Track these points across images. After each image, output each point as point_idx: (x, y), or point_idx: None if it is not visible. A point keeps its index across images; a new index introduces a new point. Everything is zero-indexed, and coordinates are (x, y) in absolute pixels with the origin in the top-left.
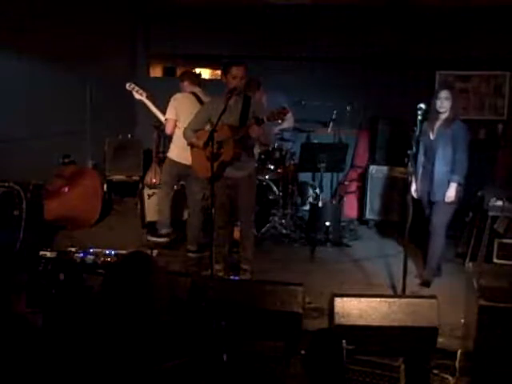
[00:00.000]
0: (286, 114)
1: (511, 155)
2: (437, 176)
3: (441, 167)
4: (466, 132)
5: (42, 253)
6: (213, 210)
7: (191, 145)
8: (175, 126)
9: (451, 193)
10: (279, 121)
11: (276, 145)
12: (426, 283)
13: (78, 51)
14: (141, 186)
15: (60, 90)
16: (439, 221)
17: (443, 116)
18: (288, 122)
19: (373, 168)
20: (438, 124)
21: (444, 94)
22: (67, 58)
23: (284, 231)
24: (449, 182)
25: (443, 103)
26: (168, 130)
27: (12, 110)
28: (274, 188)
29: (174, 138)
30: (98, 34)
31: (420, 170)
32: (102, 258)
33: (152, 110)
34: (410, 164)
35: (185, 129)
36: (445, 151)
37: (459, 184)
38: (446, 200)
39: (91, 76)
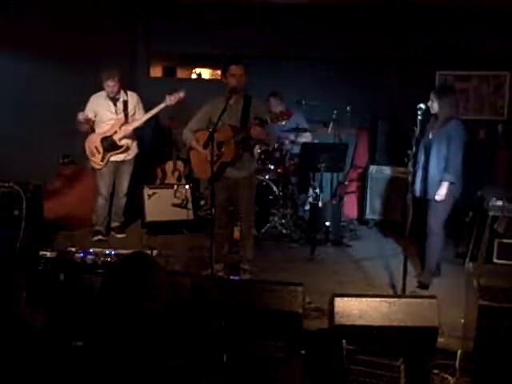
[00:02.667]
0: (290, 115)
1: (511, 155)
2: (431, 175)
3: (434, 166)
4: (462, 131)
5: (41, 253)
6: (213, 210)
7: (190, 147)
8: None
9: (442, 191)
10: (283, 122)
11: (276, 145)
12: (423, 286)
13: (78, 51)
14: (141, 185)
15: (60, 90)
16: (433, 220)
17: (439, 116)
18: (306, 137)
19: (373, 168)
20: (436, 124)
21: (431, 95)
22: (67, 58)
23: (284, 231)
24: (441, 181)
25: (431, 105)
26: None
27: (12, 109)
28: (274, 188)
29: None
30: (98, 34)
31: (420, 170)
32: (102, 258)
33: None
34: (409, 164)
35: (184, 130)
36: (439, 150)
37: (451, 183)
38: (437, 198)
39: (91, 76)
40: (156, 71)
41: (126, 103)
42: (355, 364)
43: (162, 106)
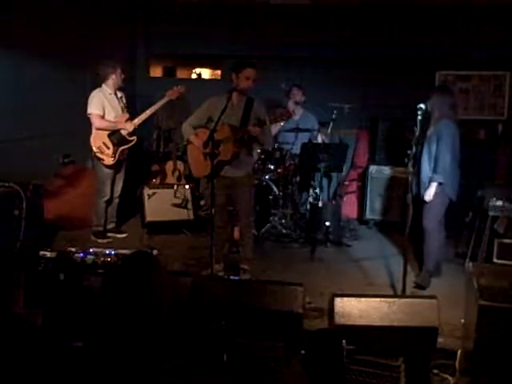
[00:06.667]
0: (290, 116)
1: (511, 155)
2: (422, 175)
3: (425, 166)
4: (451, 132)
5: (41, 253)
6: (213, 210)
7: (188, 141)
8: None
9: (430, 191)
10: (281, 123)
11: (276, 145)
12: (420, 287)
13: (78, 51)
14: (141, 185)
15: (60, 90)
16: (426, 220)
17: (431, 116)
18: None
19: (373, 168)
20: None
21: (430, 94)
22: (67, 58)
23: (284, 231)
24: (430, 182)
25: (429, 103)
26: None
27: (12, 110)
28: (274, 188)
29: None
30: (98, 34)
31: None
32: (102, 258)
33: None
34: (410, 164)
35: (184, 124)
36: (429, 150)
37: (440, 183)
38: (425, 198)
39: (91, 76)
40: (156, 71)
41: (122, 99)
42: (355, 364)
43: (164, 99)
